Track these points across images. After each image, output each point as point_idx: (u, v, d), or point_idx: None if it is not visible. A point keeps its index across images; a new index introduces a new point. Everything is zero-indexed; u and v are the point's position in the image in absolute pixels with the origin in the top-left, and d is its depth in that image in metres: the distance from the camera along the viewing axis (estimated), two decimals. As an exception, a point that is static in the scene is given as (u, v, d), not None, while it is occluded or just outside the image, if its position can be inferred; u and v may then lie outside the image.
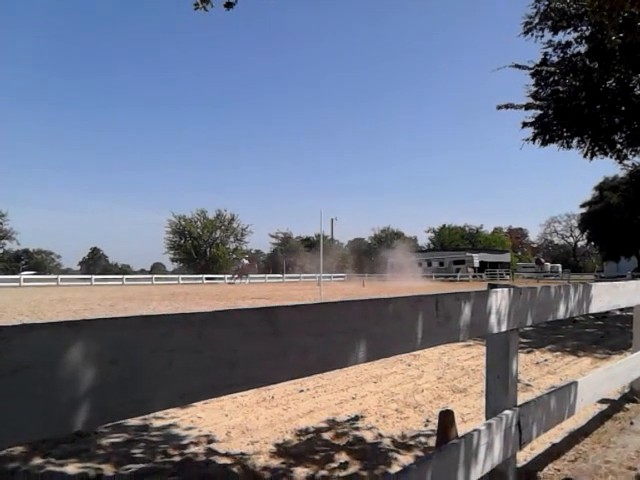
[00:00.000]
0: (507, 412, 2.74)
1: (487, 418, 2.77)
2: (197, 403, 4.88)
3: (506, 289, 2.70)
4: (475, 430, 2.49)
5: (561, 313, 3.38)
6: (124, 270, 75.86)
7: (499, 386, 2.80)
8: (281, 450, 4.00)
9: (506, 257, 77.89)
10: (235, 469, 3.65)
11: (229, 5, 4.38)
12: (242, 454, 3.91)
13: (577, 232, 78.24)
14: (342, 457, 3.86)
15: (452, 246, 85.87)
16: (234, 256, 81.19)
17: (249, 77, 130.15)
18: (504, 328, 2.68)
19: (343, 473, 3.58)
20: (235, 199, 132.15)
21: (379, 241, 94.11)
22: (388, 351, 2.08)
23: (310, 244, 77.42)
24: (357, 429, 4.51)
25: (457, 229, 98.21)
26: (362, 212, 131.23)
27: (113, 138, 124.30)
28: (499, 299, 2.62)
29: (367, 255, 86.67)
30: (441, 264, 70.84)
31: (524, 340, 9.79)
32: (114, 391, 1.26)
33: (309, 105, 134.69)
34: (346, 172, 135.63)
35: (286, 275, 59.43)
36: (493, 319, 2.57)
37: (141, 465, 3.67)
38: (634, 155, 16.34)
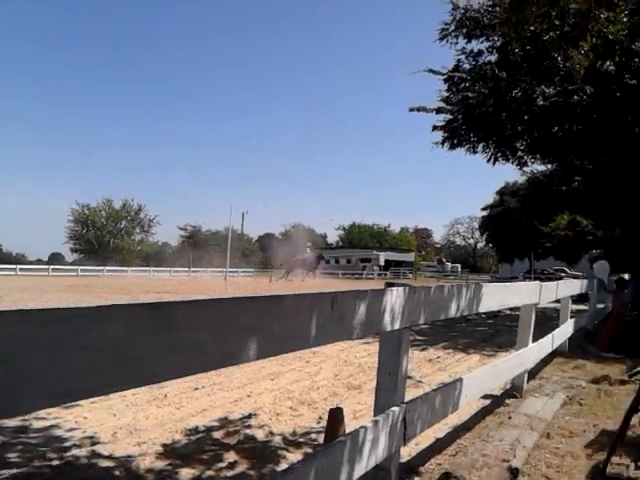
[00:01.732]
0: (394, 409, 2.74)
1: (376, 415, 2.75)
2: (84, 402, 4.59)
3: (401, 288, 2.68)
4: (362, 427, 2.47)
5: (453, 312, 3.44)
6: (18, 260, 71.05)
7: (389, 383, 2.79)
8: (168, 451, 3.83)
9: (410, 256, 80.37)
10: (117, 472, 3.43)
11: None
12: (127, 456, 3.70)
13: (477, 234, 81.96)
14: (231, 456, 3.75)
15: (361, 244, 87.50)
16: (139, 247, 78.66)
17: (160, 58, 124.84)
18: (397, 326, 2.66)
19: (230, 473, 3.47)
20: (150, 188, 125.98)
21: (289, 237, 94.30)
22: (286, 347, 2.05)
23: (219, 238, 76.13)
24: (249, 427, 4.41)
25: (366, 227, 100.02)
26: (274, 207, 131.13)
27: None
28: (394, 298, 2.59)
29: (276, 250, 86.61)
30: (348, 262, 72.10)
31: (420, 337, 10.08)
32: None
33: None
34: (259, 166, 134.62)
35: (193, 269, 58.01)
36: (387, 317, 2.55)
37: (15, 470, 3.37)
38: (533, 162, 17.29)
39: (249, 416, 4.71)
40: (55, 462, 3.56)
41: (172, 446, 3.92)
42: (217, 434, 4.21)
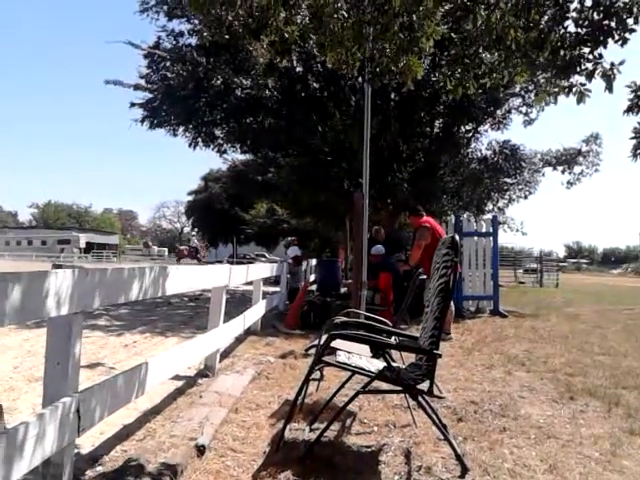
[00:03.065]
0: (65, 399, 2.60)
1: (44, 407, 2.59)
2: None
3: (70, 270, 2.56)
4: (22, 423, 2.29)
5: (134, 294, 3.40)
6: None
7: (58, 373, 2.65)
8: None
9: (115, 239, 77.35)
10: None
11: None
12: None
13: (184, 218, 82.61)
14: None
15: (57, 225, 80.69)
16: None
17: None
18: (65, 311, 2.53)
19: None
20: None
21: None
22: None
23: None
24: None
25: (64, 207, 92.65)
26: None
27: None
28: (59, 281, 2.46)
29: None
30: (44, 243, 66.03)
31: (117, 323, 9.78)
32: None
33: None
34: None
35: None
36: (52, 302, 2.40)
37: None
38: (233, 151, 18.02)
39: None
40: None
41: None
42: None
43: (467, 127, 16.13)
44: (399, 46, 4.69)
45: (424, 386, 3.21)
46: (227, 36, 6.46)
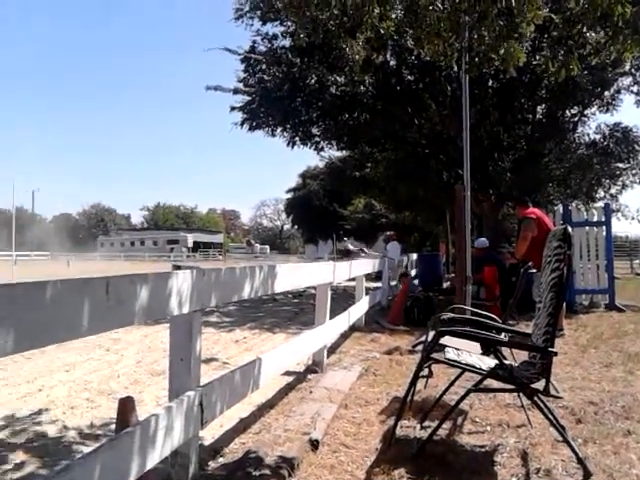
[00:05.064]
0: (189, 393, 2.77)
1: (170, 401, 2.77)
2: None
3: (189, 271, 2.71)
4: (153, 415, 2.46)
5: (246, 293, 3.55)
6: None
7: (182, 368, 2.82)
8: (-59, 458, 3.45)
9: (219, 238, 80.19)
10: None
11: None
12: None
13: (284, 216, 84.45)
14: (19, 457, 3.50)
15: (167, 225, 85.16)
16: None
17: None
18: (186, 310, 2.69)
19: (17, 475, 3.24)
20: None
21: (89, 218, 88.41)
22: (46, 339, 1.88)
23: (5, 218, 68.63)
24: (39, 424, 4.13)
25: (172, 208, 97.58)
26: (71, 186, 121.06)
27: None
28: (180, 281, 2.61)
29: (75, 232, 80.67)
30: (155, 243, 69.88)
31: (227, 319, 10.20)
32: None
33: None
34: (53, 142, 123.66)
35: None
36: (174, 301, 2.56)
37: None
38: (330, 148, 18.22)
39: (39, 412, 4.41)
40: None
41: (-54, 453, 3.55)
42: (1, 434, 3.90)
43: (572, 111, 15.35)
44: (498, 33, 4.52)
45: (539, 385, 3.10)
46: (322, 36, 6.52)
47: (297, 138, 15.91)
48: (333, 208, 46.30)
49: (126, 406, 2.57)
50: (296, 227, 64.14)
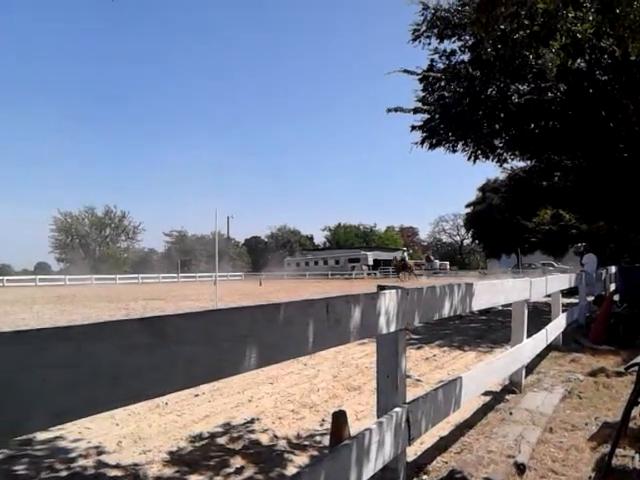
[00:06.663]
0: (397, 409, 2.83)
1: (378, 416, 2.85)
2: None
3: (394, 290, 2.79)
4: (367, 429, 2.55)
5: (446, 311, 3.55)
6: (4, 271, 70.08)
7: (389, 384, 2.89)
8: (175, 458, 3.91)
9: (398, 255, 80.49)
10: (126, 481, 3.51)
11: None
12: (134, 464, 3.78)
13: (463, 231, 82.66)
14: (237, 462, 3.83)
15: (347, 244, 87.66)
16: (125, 255, 78.21)
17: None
18: (393, 328, 2.76)
19: (239, 478, 3.55)
20: (128, 197, 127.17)
21: (276, 239, 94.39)
22: (279, 356, 2.07)
23: (205, 243, 76.04)
24: (253, 432, 4.49)
25: (352, 227, 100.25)
26: (259, 211, 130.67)
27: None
28: (387, 300, 2.69)
29: (264, 253, 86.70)
30: (337, 262, 72.23)
31: (414, 336, 10.17)
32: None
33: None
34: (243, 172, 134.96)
35: (181, 275, 57.69)
36: (382, 320, 2.65)
37: (25, 484, 3.45)
38: (512, 159, 17.51)
39: (252, 421, 4.80)
40: (63, 473, 3.63)
41: (178, 453, 4.00)
42: (221, 440, 4.29)
43: None
44: None
45: None
46: (510, 46, 6.34)
47: (479, 151, 15.57)
48: (516, 220, 44.27)
49: (339, 419, 2.70)
50: (477, 242, 62.28)
